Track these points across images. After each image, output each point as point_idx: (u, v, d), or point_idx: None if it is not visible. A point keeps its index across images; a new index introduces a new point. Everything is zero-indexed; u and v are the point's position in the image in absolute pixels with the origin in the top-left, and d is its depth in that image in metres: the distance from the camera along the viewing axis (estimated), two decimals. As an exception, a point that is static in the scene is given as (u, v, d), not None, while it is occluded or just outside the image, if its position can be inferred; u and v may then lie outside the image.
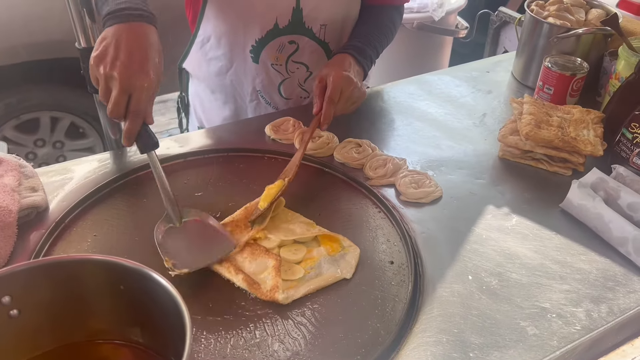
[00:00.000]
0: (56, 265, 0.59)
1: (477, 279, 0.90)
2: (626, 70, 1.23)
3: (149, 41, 0.94)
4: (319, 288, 0.87)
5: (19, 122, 2.50)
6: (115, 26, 0.93)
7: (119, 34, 0.92)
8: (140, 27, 0.94)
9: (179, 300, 0.55)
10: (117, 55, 0.90)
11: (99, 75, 0.91)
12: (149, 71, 0.91)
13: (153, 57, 0.93)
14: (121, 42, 0.91)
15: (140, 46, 0.92)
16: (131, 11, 0.95)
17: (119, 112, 0.91)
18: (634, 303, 0.87)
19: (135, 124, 0.92)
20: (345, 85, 1.15)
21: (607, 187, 1.03)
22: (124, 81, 0.89)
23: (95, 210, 1.02)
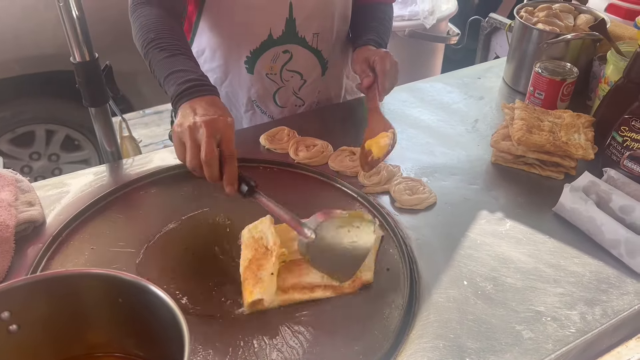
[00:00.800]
0: (54, 280, 0.59)
1: (472, 284, 0.91)
2: (615, 75, 1.25)
3: (219, 104, 0.97)
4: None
5: (14, 136, 2.50)
6: (189, 102, 0.96)
7: (192, 105, 0.95)
8: (210, 97, 0.97)
9: (177, 313, 0.55)
10: (195, 114, 0.92)
11: (183, 133, 0.91)
12: (228, 116, 0.94)
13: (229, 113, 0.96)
14: (196, 107, 0.94)
15: (214, 105, 0.95)
16: (199, 86, 0.98)
17: (211, 157, 0.88)
18: (627, 305, 0.88)
19: (234, 166, 0.90)
20: (392, 65, 1.20)
21: (598, 190, 1.05)
22: (211, 126, 0.89)
23: (92, 223, 1.02)
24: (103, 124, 1.18)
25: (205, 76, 1.02)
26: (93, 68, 1.10)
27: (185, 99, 0.96)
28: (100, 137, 1.21)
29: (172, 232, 1.00)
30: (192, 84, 0.98)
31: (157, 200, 1.09)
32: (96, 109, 1.15)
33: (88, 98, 1.12)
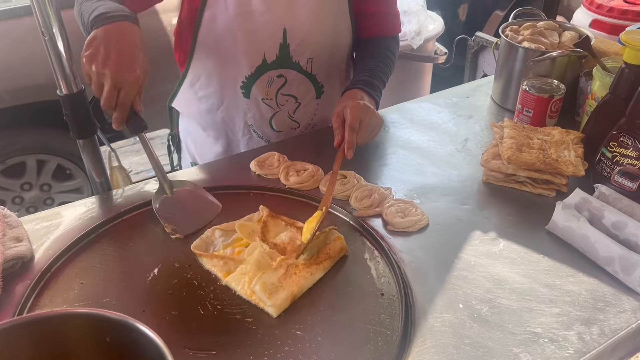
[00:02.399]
0: (37, 322, 0.58)
1: (467, 307, 0.90)
2: (601, 91, 1.26)
3: (135, 40, 1.03)
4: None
5: (4, 167, 2.49)
6: (103, 27, 1.02)
7: (107, 34, 1.01)
8: (126, 26, 1.03)
9: (165, 351, 0.54)
10: (107, 54, 0.99)
11: (92, 73, 1.00)
12: (136, 69, 1.01)
13: (139, 55, 1.02)
14: (110, 41, 1.01)
15: (128, 45, 1.02)
16: (115, 13, 1.04)
17: (111, 104, 1.01)
18: (625, 323, 0.87)
19: (123, 113, 1.02)
20: (363, 114, 1.20)
21: (590, 207, 1.04)
22: (115, 77, 0.99)
23: (81, 257, 1.01)
24: (91, 155, 1.17)
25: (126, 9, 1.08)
26: (80, 100, 1.10)
27: (101, 23, 1.02)
28: (89, 168, 1.20)
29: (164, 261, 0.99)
30: (105, 10, 1.04)
31: (148, 231, 1.07)
32: (84, 140, 1.14)
33: (75, 130, 1.12)
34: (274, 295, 0.88)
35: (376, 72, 1.33)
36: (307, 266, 0.95)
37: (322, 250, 0.98)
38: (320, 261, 0.96)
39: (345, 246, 1.01)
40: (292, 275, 0.92)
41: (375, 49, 1.41)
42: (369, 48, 1.41)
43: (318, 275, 0.95)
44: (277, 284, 0.90)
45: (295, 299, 0.90)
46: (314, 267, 0.95)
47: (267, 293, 0.88)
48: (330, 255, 0.98)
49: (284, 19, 1.25)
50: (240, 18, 1.23)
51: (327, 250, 0.98)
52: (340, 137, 1.19)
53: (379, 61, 1.37)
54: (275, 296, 0.88)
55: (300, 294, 0.92)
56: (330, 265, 0.97)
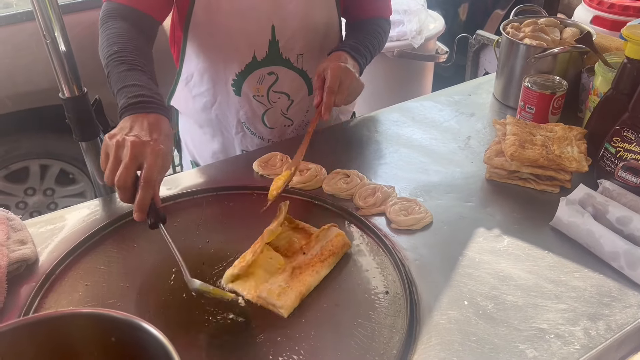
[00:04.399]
0: (43, 323, 0.58)
1: (473, 304, 0.90)
2: (604, 86, 1.26)
3: (161, 126, 0.95)
4: None
5: (8, 172, 2.49)
6: (132, 116, 0.95)
7: (133, 120, 0.94)
8: (154, 116, 0.96)
9: (170, 350, 0.54)
10: (130, 129, 0.92)
11: (110, 147, 0.90)
12: (160, 144, 0.91)
13: (164, 138, 0.94)
14: (135, 123, 0.93)
15: (153, 127, 0.94)
16: (146, 103, 0.97)
17: (126, 181, 0.88)
18: (631, 318, 0.87)
19: (147, 194, 0.89)
20: (343, 76, 1.19)
21: (595, 202, 1.04)
22: (136, 148, 0.88)
23: (86, 259, 1.01)
24: (94, 158, 1.17)
25: (159, 94, 1.00)
26: (82, 103, 1.10)
27: (128, 113, 0.95)
28: (92, 171, 1.20)
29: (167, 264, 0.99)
30: (140, 99, 0.96)
31: (151, 233, 1.07)
32: (87, 143, 1.14)
33: (78, 133, 1.12)
34: (282, 296, 0.88)
35: (363, 41, 1.34)
36: (312, 265, 0.94)
37: (325, 248, 0.98)
38: (324, 258, 0.96)
39: (348, 241, 1.01)
40: (298, 275, 0.92)
41: (366, 25, 1.41)
42: (360, 25, 1.42)
43: (324, 273, 0.95)
44: (284, 285, 0.90)
45: (303, 297, 0.90)
46: (318, 265, 0.95)
47: (275, 296, 0.88)
48: (333, 251, 0.97)
49: (273, 16, 1.25)
50: (229, 16, 1.23)
51: (329, 247, 0.98)
52: (319, 98, 1.19)
53: (368, 34, 1.38)
54: (284, 297, 0.88)
55: (307, 292, 0.92)
56: (334, 261, 0.97)
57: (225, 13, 1.23)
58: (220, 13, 1.23)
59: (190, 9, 1.24)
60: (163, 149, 0.91)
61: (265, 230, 0.98)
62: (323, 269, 0.95)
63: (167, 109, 1.01)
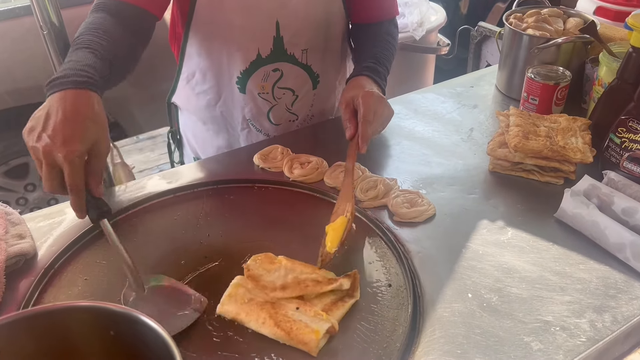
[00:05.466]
0: (41, 316, 0.57)
1: (477, 297, 0.88)
2: (608, 76, 1.24)
3: (82, 110, 0.87)
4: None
5: (8, 168, 2.49)
6: (51, 96, 0.88)
7: (50, 104, 0.86)
8: (76, 94, 0.88)
9: (170, 344, 0.53)
10: (44, 127, 0.85)
11: (30, 149, 0.85)
12: (75, 143, 0.84)
13: (86, 127, 0.86)
14: (51, 113, 0.85)
15: (72, 116, 0.85)
16: (68, 78, 0.89)
17: (52, 188, 0.86)
18: (637, 310, 0.85)
19: (77, 197, 0.86)
20: (376, 104, 1.13)
21: (600, 193, 1.03)
22: (48, 155, 0.83)
23: (85, 253, 1.00)
24: (93, 152, 1.16)
25: (91, 67, 0.92)
26: (80, 95, 1.08)
27: (49, 92, 0.88)
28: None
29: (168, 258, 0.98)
30: (61, 74, 0.89)
31: (151, 226, 1.07)
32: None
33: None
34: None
35: (381, 59, 1.29)
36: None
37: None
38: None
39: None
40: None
41: (377, 34, 1.36)
42: (370, 33, 1.37)
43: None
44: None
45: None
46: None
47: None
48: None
49: (276, 12, 1.23)
50: (233, 13, 1.21)
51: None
52: (353, 130, 1.11)
53: (382, 47, 1.33)
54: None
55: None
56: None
57: (228, 10, 1.21)
58: (224, 10, 1.21)
59: (192, 6, 1.22)
60: (78, 150, 0.84)
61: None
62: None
63: (96, 82, 0.92)
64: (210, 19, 1.23)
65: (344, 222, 0.94)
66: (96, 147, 0.88)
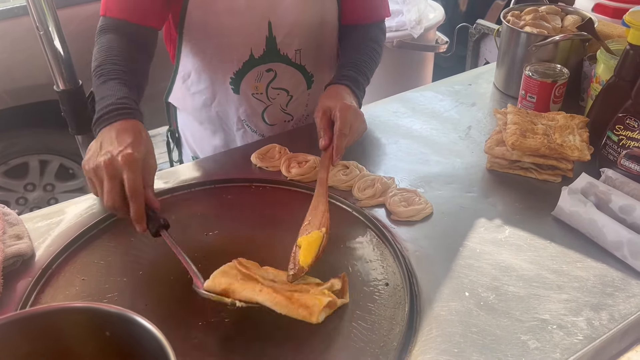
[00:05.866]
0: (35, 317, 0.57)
1: (474, 295, 0.88)
2: (606, 74, 1.24)
3: (129, 132, 0.95)
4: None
5: (7, 168, 2.49)
6: (100, 132, 0.97)
7: (102, 137, 0.95)
8: (120, 123, 0.97)
9: (164, 344, 0.53)
10: (100, 149, 0.92)
11: (89, 175, 0.92)
12: (132, 150, 0.91)
13: (138, 140, 0.94)
14: (104, 140, 0.94)
15: (121, 135, 0.94)
16: (111, 112, 0.98)
17: (114, 200, 0.90)
18: (634, 308, 0.85)
19: (138, 205, 0.90)
20: (353, 118, 1.13)
21: (597, 191, 1.03)
22: (109, 167, 0.89)
23: (83, 253, 1.00)
24: (91, 152, 1.16)
25: (128, 98, 1.01)
26: (78, 95, 1.09)
27: (97, 128, 0.98)
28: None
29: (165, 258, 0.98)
30: (105, 111, 0.98)
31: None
32: (83, 136, 1.13)
33: (74, 125, 1.11)
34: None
35: (362, 67, 1.28)
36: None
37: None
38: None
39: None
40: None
41: (360, 39, 1.35)
42: (353, 38, 1.35)
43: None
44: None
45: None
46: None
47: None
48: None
49: (268, 12, 1.23)
50: (224, 14, 1.21)
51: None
52: (328, 141, 1.11)
53: (365, 54, 1.31)
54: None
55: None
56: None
57: (220, 11, 1.21)
58: (215, 12, 1.21)
59: (184, 8, 1.22)
60: (136, 155, 0.91)
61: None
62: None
63: (136, 110, 1.01)
64: (202, 21, 1.23)
65: (319, 237, 0.92)
66: (147, 160, 0.95)
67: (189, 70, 1.33)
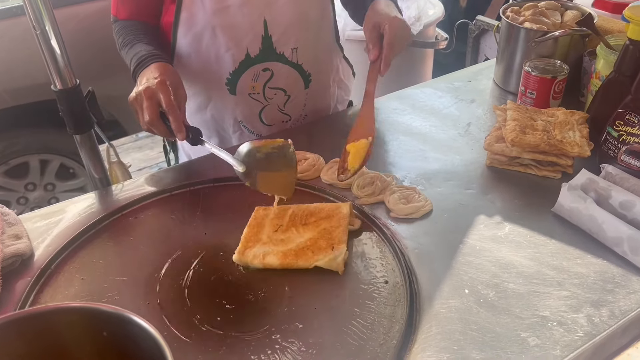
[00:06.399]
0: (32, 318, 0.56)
1: (473, 292, 0.88)
2: (606, 69, 1.23)
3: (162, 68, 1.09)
4: None
5: (8, 168, 2.49)
6: (139, 75, 1.10)
7: (140, 76, 1.09)
8: (154, 65, 1.10)
9: (161, 343, 0.53)
10: (139, 86, 1.05)
11: (132, 104, 1.05)
12: (165, 79, 1.04)
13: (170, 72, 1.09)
14: (142, 78, 1.07)
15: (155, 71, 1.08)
16: (145, 59, 1.12)
17: (151, 117, 1.01)
18: (635, 304, 0.85)
19: (176, 116, 1.01)
20: (401, 31, 1.16)
21: (597, 187, 1.02)
22: (147, 91, 1.02)
23: (82, 252, 1.00)
24: (89, 151, 1.16)
25: (157, 51, 1.16)
26: (75, 95, 1.08)
27: (136, 73, 1.11)
28: (87, 164, 1.19)
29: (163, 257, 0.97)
30: (140, 61, 1.13)
31: (147, 225, 1.06)
32: (81, 135, 1.13)
33: (72, 125, 1.11)
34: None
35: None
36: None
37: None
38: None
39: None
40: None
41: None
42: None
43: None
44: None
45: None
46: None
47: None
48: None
49: (263, 10, 1.22)
50: (218, 14, 1.21)
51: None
52: (377, 53, 1.14)
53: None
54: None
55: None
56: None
57: (214, 10, 1.21)
58: (209, 12, 1.21)
59: (177, 11, 1.21)
60: (168, 81, 1.04)
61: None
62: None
63: (166, 58, 1.15)
64: (197, 20, 1.22)
65: (366, 144, 1.03)
66: (178, 90, 1.07)
67: (183, 72, 1.32)
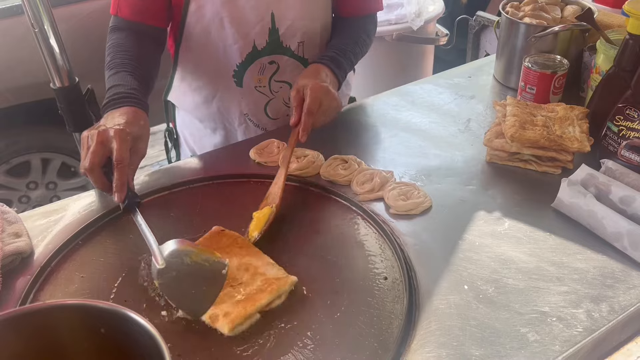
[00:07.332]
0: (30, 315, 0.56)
1: (473, 288, 0.88)
2: (606, 64, 1.23)
3: (129, 115, 1.01)
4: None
5: (9, 167, 2.49)
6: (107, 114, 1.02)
7: (106, 116, 1.01)
8: (125, 109, 1.02)
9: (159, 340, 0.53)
10: (99, 125, 0.97)
11: (82, 141, 0.96)
12: (125, 129, 0.96)
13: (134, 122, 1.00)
14: (107, 118, 1.00)
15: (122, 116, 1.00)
16: (119, 99, 1.04)
17: (93, 163, 0.93)
18: (635, 299, 0.85)
19: (122, 174, 0.93)
20: (323, 96, 1.15)
21: (597, 182, 1.02)
22: (102, 135, 0.94)
23: (82, 250, 1.00)
24: (89, 149, 1.16)
25: (136, 89, 1.08)
26: (74, 93, 1.09)
27: (104, 111, 1.04)
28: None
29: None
30: (113, 98, 1.05)
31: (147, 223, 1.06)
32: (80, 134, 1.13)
33: (71, 123, 1.11)
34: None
35: (347, 52, 1.29)
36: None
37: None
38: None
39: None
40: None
41: (349, 28, 1.36)
42: (344, 27, 1.37)
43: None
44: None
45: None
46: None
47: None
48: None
49: (271, 4, 1.23)
50: (227, 6, 1.21)
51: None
52: (297, 118, 1.14)
53: (353, 41, 1.33)
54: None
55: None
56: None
57: (222, 4, 1.21)
58: (218, 4, 1.21)
59: (186, 2, 1.22)
60: (129, 132, 0.96)
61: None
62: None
63: (142, 101, 1.07)
64: (204, 13, 1.22)
65: (268, 212, 1.00)
66: (138, 143, 1.00)
67: (191, 64, 1.33)
